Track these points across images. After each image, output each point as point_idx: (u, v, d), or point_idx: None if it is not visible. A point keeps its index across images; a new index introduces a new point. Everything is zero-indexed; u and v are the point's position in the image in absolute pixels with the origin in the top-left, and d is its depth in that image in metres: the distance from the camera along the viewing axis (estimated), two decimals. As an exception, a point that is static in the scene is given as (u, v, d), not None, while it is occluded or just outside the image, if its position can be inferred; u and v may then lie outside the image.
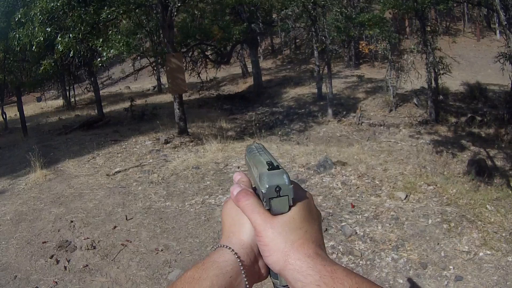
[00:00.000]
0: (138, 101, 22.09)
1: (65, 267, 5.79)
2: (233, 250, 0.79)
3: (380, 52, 21.55)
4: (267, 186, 0.77)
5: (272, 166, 0.81)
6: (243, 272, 0.77)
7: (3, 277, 5.63)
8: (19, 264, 5.96)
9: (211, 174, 9.20)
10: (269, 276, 0.85)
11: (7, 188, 9.42)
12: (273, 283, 0.84)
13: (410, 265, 5.37)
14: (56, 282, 5.43)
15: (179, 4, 13.52)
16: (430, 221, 6.38)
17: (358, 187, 7.91)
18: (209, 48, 24.85)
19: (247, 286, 0.77)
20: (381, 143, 15.03)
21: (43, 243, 6.54)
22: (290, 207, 0.79)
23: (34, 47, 12.37)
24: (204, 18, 23.64)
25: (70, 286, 5.36)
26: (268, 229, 0.77)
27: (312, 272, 0.71)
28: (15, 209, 8.02)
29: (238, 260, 0.78)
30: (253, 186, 0.89)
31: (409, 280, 5.11)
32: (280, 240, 0.76)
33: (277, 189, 0.78)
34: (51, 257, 6.06)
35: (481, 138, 15.35)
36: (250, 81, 29.38)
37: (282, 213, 0.79)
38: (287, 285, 0.78)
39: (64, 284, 5.41)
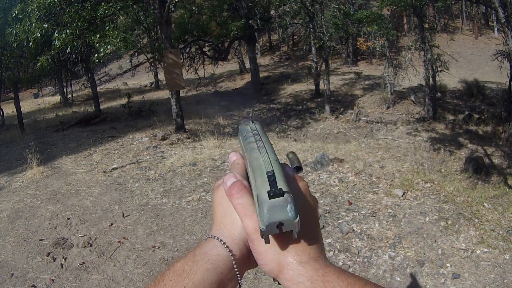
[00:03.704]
0: (136, 98, 22.08)
1: (62, 265, 5.78)
2: (225, 243, 0.77)
3: (378, 49, 21.52)
4: (267, 223, 0.66)
5: (273, 189, 0.68)
6: (235, 267, 0.75)
7: (-1, 274, 5.63)
8: (16, 261, 5.94)
9: (208, 171, 9.20)
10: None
11: (4, 185, 9.39)
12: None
13: (407, 262, 5.37)
14: (52, 280, 5.42)
15: (176, 0, 13.50)
16: (427, 218, 6.38)
17: (355, 184, 7.91)
18: (206, 44, 24.83)
19: (239, 279, 0.76)
20: (379, 140, 15.03)
21: (39, 240, 6.53)
22: None
23: (31, 43, 12.35)
24: (201, 14, 23.62)
25: (67, 284, 5.35)
26: (261, 239, 0.71)
27: (303, 279, 0.70)
28: (11, 206, 8.00)
29: (231, 255, 0.76)
30: (247, 172, 0.83)
31: (407, 277, 5.11)
32: (273, 251, 0.73)
33: (279, 225, 0.67)
34: (48, 254, 6.05)
35: (478, 136, 15.36)
36: (247, 77, 29.35)
37: None
38: None
39: (60, 282, 5.39)
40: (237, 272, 0.75)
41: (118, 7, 12.71)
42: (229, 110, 21.49)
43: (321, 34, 19.37)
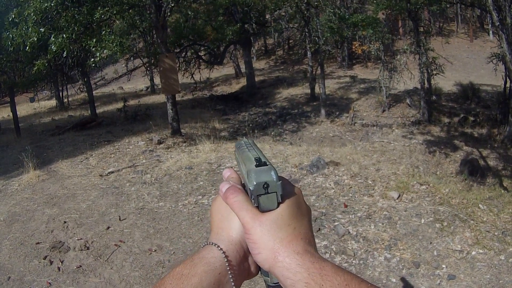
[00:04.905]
0: (131, 102, 22.03)
1: (59, 268, 5.78)
2: (220, 248, 0.79)
3: (373, 53, 21.56)
4: (255, 183, 0.76)
5: (259, 163, 0.80)
6: (229, 270, 0.77)
7: (-4, 278, 5.63)
8: (13, 265, 5.95)
9: (204, 175, 9.20)
10: (259, 274, 0.85)
11: (0, 189, 9.37)
12: (264, 280, 0.83)
13: (403, 264, 5.40)
14: (49, 283, 5.43)
15: (172, 5, 13.51)
16: (422, 220, 6.41)
17: (351, 187, 7.94)
18: (202, 48, 24.83)
19: (233, 285, 0.77)
20: (374, 143, 15.08)
21: (36, 244, 6.53)
22: (278, 203, 0.78)
23: (27, 47, 12.31)
24: (197, 19, 23.63)
25: (64, 287, 5.36)
26: (256, 226, 0.76)
27: (300, 269, 0.71)
28: (8, 210, 8.00)
29: (225, 258, 0.78)
30: (242, 182, 0.88)
31: (402, 279, 5.14)
32: (268, 238, 0.75)
33: (265, 185, 0.77)
34: (45, 258, 6.05)
35: (473, 138, 15.42)
36: (243, 81, 29.37)
37: (270, 210, 0.78)
38: (277, 283, 0.78)
39: (57, 285, 5.40)
40: (231, 278, 0.77)
41: (114, 12, 12.71)
42: (225, 114, 21.52)
43: (316, 38, 19.43)
